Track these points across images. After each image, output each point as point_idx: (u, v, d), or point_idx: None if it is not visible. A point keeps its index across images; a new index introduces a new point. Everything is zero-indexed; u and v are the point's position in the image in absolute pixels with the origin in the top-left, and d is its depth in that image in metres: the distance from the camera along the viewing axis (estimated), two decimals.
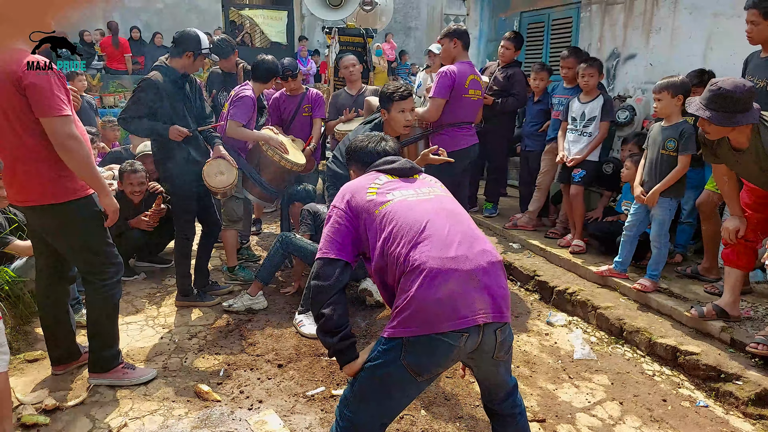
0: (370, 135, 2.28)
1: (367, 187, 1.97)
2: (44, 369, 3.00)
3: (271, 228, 5.86)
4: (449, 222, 1.82)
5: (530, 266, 4.51)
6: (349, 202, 1.94)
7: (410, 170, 2.08)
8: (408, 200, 1.88)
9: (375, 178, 2.03)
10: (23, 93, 2.37)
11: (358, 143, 2.25)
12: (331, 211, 1.98)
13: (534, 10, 6.74)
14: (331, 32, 6.42)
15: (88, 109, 6.57)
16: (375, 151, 2.19)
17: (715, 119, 2.80)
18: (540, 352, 3.41)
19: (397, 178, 2.03)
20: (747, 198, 3.23)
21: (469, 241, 1.80)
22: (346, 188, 2.02)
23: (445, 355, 1.71)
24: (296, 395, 2.85)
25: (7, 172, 2.56)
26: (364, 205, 1.90)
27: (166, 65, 3.55)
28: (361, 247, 1.93)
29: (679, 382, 3.09)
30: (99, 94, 9.76)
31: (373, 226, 1.86)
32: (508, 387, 1.97)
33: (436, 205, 1.89)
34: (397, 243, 1.77)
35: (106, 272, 2.77)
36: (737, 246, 3.20)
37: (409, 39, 14.71)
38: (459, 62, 3.95)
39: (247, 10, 14.68)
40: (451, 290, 1.68)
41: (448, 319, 1.67)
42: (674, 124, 3.64)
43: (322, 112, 4.89)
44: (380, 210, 1.87)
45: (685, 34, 4.80)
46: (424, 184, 2.03)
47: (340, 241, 1.90)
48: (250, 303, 3.82)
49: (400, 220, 1.81)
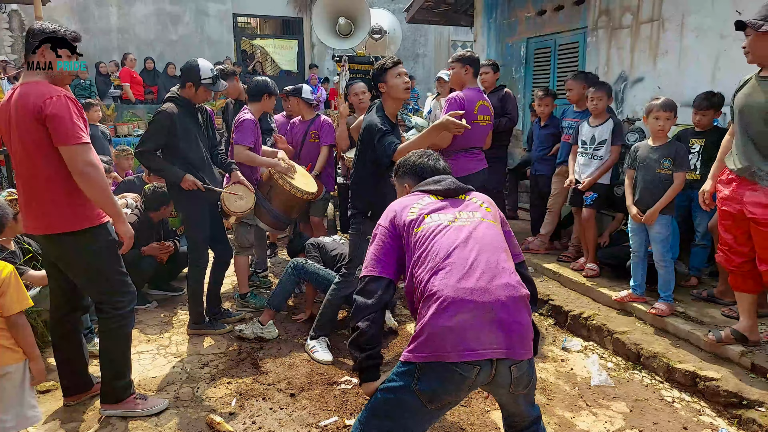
0: (421, 152, 2.30)
1: (410, 207, 1.99)
2: (56, 400, 3.00)
3: (284, 254, 5.88)
4: (477, 251, 1.79)
5: (544, 290, 4.46)
6: (393, 220, 1.97)
7: (455, 190, 2.07)
8: (443, 225, 1.88)
9: (419, 197, 2.04)
10: (43, 123, 2.43)
11: (412, 159, 2.26)
12: (376, 229, 2.02)
13: (540, 35, 6.81)
14: (341, 60, 6.53)
15: (102, 139, 6.70)
16: (427, 168, 2.20)
17: None
18: (556, 379, 3.35)
19: (442, 198, 2.03)
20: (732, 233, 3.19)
21: (492, 272, 1.76)
22: (392, 206, 2.04)
23: (456, 385, 1.69)
24: (309, 425, 2.81)
25: (25, 200, 2.61)
26: (405, 224, 1.93)
27: (177, 95, 3.62)
28: (404, 265, 1.95)
29: (700, 408, 3.01)
30: (113, 124, 9.96)
31: (409, 246, 1.90)
32: (531, 417, 1.95)
33: (469, 232, 1.86)
34: (423, 267, 1.80)
35: (120, 302, 2.78)
36: (737, 271, 3.19)
37: (417, 65, 14.91)
38: (468, 88, 4.00)
39: (259, 40, 15.00)
40: (462, 321, 1.67)
41: (455, 349, 1.66)
42: (666, 144, 3.75)
43: (328, 139, 4.90)
44: (416, 232, 1.89)
45: (692, 57, 4.81)
46: (468, 207, 2.00)
47: (384, 259, 1.93)
48: (261, 332, 3.80)
49: (430, 245, 1.82)
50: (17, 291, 2.28)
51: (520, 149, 7.15)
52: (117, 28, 12.84)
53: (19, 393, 2.33)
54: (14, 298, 2.26)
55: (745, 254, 3.12)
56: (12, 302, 2.25)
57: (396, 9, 12.47)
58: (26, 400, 2.35)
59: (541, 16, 6.71)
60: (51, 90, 2.47)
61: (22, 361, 2.34)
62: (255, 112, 4.17)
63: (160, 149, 3.56)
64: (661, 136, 3.77)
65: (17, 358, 2.32)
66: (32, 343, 2.34)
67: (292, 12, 14.48)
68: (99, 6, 12.58)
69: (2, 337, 2.28)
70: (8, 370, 2.29)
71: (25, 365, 2.35)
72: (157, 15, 13.12)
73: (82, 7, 12.40)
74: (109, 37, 12.75)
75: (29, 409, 2.37)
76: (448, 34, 15.48)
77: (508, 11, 7.35)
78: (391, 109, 3.44)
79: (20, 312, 2.29)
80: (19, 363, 2.33)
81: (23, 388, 2.35)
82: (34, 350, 2.35)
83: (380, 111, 3.40)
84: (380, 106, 3.42)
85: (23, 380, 2.35)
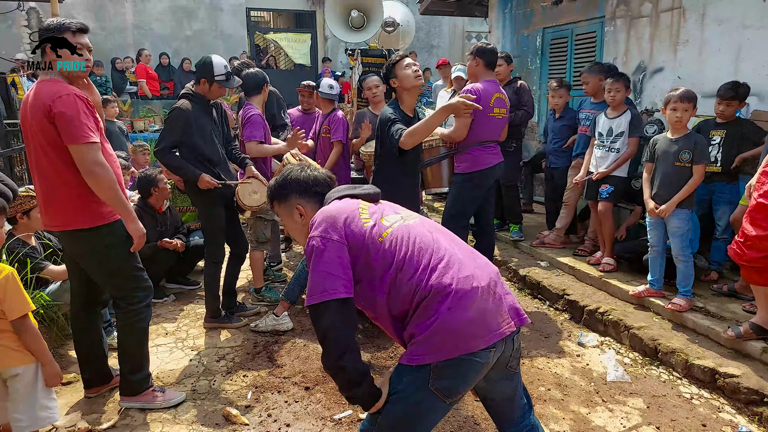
0: (300, 166, 2.05)
1: (357, 214, 1.80)
2: (77, 392, 3.05)
3: (299, 248, 5.90)
4: (449, 242, 1.82)
5: (559, 285, 4.43)
6: (345, 231, 1.74)
7: (376, 195, 1.99)
8: (405, 224, 1.81)
9: (356, 203, 1.87)
10: (53, 122, 2.45)
11: (299, 174, 1.99)
12: (321, 243, 1.71)
13: (557, 25, 6.72)
14: (354, 54, 6.50)
15: (120, 135, 6.77)
16: (321, 179, 1.99)
17: None
18: (572, 375, 3.33)
19: (370, 203, 1.93)
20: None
21: (472, 256, 1.81)
22: (335, 216, 1.79)
23: (475, 373, 1.70)
24: (324, 419, 2.83)
25: (42, 197, 2.64)
26: (364, 232, 1.75)
27: (192, 92, 3.64)
28: (357, 278, 1.76)
29: (719, 405, 2.97)
30: (130, 119, 10.06)
31: (378, 254, 1.73)
32: (522, 402, 1.93)
33: (429, 227, 1.86)
34: (414, 269, 1.70)
35: (136, 296, 2.82)
36: (749, 265, 3.11)
37: (431, 57, 14.79)
38: (483, 81, 3.94)
39: (272, 34, 15.03)
40: (479, 308, 1.67)
41: (482, 336, 1.66)
42: (685, 136, 3.69)
43: (339, 135, 4.86)
44: (384, 237, 1.75)
45: (713, 47, 4.71)
46: (396, 208, 1.95)
47: (343, 276, 1.69)
48: (275, 324, 3.84)
49: (410, 246, 1.73)
50: (16, 295, 2.21)
51: (536, 141, 7.08)
52: (132, 25, 12.95)
53: (32, 393, 2.31)
54: (14, 304, 2.20)
55: (764, 249, 3.05)
56: (11, 309, 2.21)
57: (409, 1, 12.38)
58: (39, 402, 2.33)
59: (557, 6, 6.61)
60: (62, 88, 2.47)
61: (33, 363, 2.31)
62: (258, 105, 4.20)
63: (176, 146, 3.59)
64: (679, 128, 3.70)
65: (26, 359, 2.29)
66: (41, 348, 2.30)
67: (305, 5, 14.47)
68: (114, 3, 12.69)
69: (9, 339, 2.25)
70: (17, 372, 2.28)
71: (36, 367, 2.32)
72: (172, 11, 13.20)
73: (98, 4, 12.52)
74: (124, 34, 12.87)
75: (42, 410, 2.34)
76: (462, 25, 15.34)
77: (523, 1, 7.26)
78: (408, 102, 3.47)
79: (23, 317, 2.24)
80: (29, 365, 2.30)
81: (35, 389, 2.32)
82: (44, 355, 2.31)
83: (393, 104, 3.42)
84: (395, 100, 3.44)
85: (35, 381, 2.32)
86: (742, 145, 4.01)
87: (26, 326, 2.26)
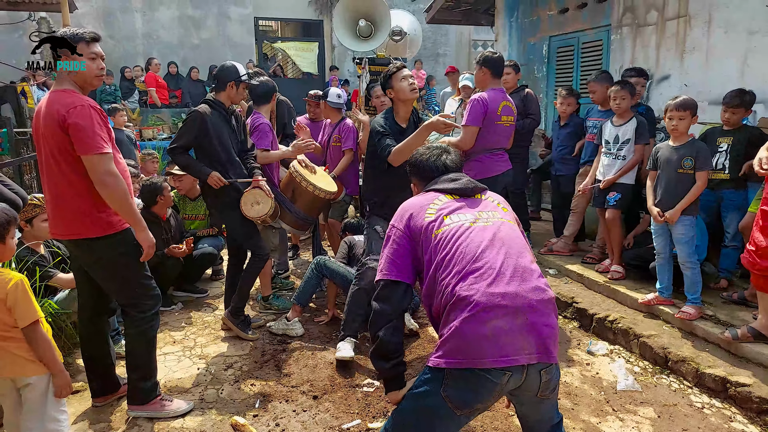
0: (431, 147, 2.19)
1: (426, 208, 1.91)
2: (85, 401, 3.06)
3: (306, 255, 5.91)
4: (504, 253, 1.75)
5: (568, 293, 4.41)
6: (408, 222, 1.89)
7: (473, 190, 2.00)
8: (465, 226, 1.82)
9: (435, 197, 1.96)
10: (67, 132, 2.47)
11: (419, 156, 2.17)
12: (390, 231, 1.94)
13: (563, 33, 6.73)
14: (362, 62, 6.54)
15: (128, 143, 6.82)
16: (435, 166, 2.10)
17: None
18: (582, 383, 3.30)
19: (458, 197, 1.96)
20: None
21: (522, 275, 1.73)
22: (406, 208, 1.96)
23: (487, 391, 1.67)
24: (332, 428, 2.82)
25: (51, 206, 2.66)
26: (422, 227, 1.86)
27: (213, 99, 3.69)
28: (420, 268, 1.89)
29: (731, 415, 2.94)
30: (138, 128, 10.14)
31: (428, 249, 1.82)
32: (553, 422, 1.91)
33: (493, 233, 1.81)
34: (448, 271, 1.73)
35: (144, 305, 2.83)
36: (761, 274, 3.09)
37: (438, 65, 14.86)
38: (490, 89, 3.97)
39: (280, 43, 15.14)
40: (496, 327, 1.63)
41: (491, 356, 1.63)
42: (687, 143, 3.70)
43: (350, 143, 4.91)
44: (436, 234, 1.82)
45: (720, 53, 4.70)
46: (487, 207, 1.94)
47: (400, 262, 1.87)
48: (286, 328, 3.91)
49: (455, 248, 1.76)
50: (25, 303, 2.19)
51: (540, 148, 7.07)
52: (141, 34, 13.09)
53: (42, 404, 2.29)
54: (24, 312, 2.19)
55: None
56: (23, 316, 2.19)
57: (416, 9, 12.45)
58: (48, 413, 2.30)
59: (563, 14, 6.63)
60: (76, 99, 2.50)
61: (45, 373, 2.28)
62: (266, 114, 4.25)
63: (191, 148, 3.63)
64: (677, 135, 3.72)
65: (38, 370, 2.26)
66: (52, 358, 2.26)
67: (312, 14, 14.58)
68: (123, 12, 12.84)
69: (21, 349, 2.23)
70: (29, 381, 2.26)
71: (48, 378, 2.30)
72: (180, 20, 13.34)
73: (108, 14, 12.68)
74: (133, 43, 13.01)
75: (50, 422, 2.31)
76: (468, 34, 15.40)
77: (529, 10, 7.28)
78: (402, 112, 3.52)
79: (33, 325, 2.21)
80: (42, 375, 2.27)
81: (45, 401, 2.29)
82: (55, 365, 2.27)
83: (387, 114, 3.48)
84: (389, 110, 3.50)
85: (46, 392, 2.30)
86: (749, 152, 3.99)
87: (37, 334, 2.24)
